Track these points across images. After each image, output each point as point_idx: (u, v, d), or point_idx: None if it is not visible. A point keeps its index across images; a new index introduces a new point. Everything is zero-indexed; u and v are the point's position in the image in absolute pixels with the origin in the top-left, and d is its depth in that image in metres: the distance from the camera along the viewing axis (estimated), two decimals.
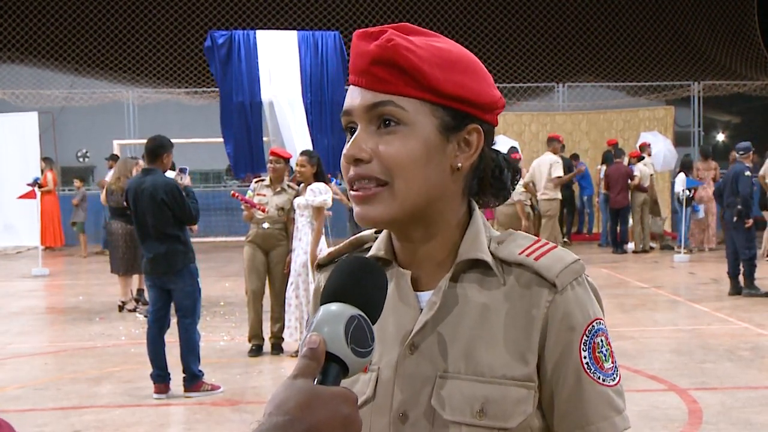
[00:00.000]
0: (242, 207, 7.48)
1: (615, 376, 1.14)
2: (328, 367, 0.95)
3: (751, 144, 10.53)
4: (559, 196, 12.54)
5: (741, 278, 10.19)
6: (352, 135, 1.15)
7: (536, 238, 1.19)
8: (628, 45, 24.03)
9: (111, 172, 15.79)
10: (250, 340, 7.56)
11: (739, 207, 9.97)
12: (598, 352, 1.13)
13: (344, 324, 0.96)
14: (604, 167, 15.36)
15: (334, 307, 0.98)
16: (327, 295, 1.00)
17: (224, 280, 11.60)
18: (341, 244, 1.32)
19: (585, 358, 1.12)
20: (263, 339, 7.56)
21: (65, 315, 9.97)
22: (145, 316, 9.31)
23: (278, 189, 7.45)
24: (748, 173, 10.08)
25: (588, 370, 1.12)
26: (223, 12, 23.28)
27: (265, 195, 7.43)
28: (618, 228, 15.05)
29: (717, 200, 10.79)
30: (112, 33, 22.85)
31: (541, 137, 16.98)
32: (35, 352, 7.99)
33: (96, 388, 6.53)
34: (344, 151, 1.14)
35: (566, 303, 1.12)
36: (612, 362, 1.15)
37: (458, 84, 1.13)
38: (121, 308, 10.18)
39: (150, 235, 6.18)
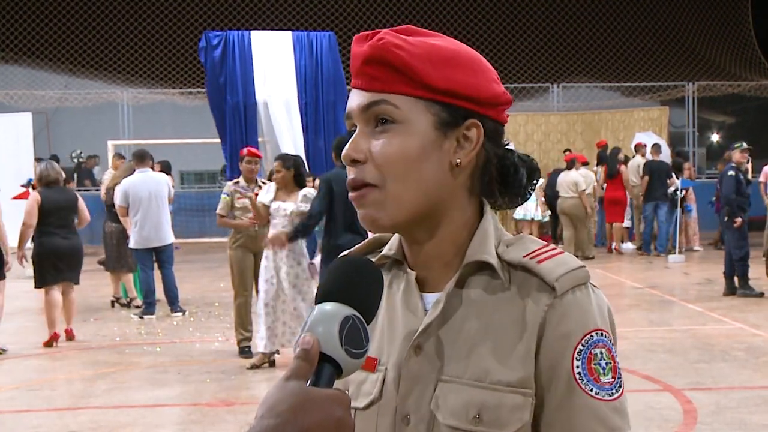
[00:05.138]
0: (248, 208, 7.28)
1: (613, 391, 1.08)
2: (321, 368, 0.93)
3: (745, 144, 10.54)
4: None
5: (736, 278, 10.21)
6: None
7: (544, 242, 1.16)
8: (622, 45, 24.02)
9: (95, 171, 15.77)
10: (239, 343, 7.46)
11: (727, 207, 10.05)
12: (595, 364, 1.08)
13: (338, 324, 0.94)
14: (600, 168, 15.38)
15: (328, 306, 0.96)
16: (322, 295, 0.99)
17: (219, 281, 11.57)
18: (360, 244, 1.30)
19: (577, 367, 1.07)
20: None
21: (60, 315, 9.91)
22: (140, 317, 9.32)
23: (255, 188, 7.31)
24: (731, 173, 10.10)
25: (579, 381, 1.07)
26: (218, 12, 23.23)
27: (257, 195, 7.26)
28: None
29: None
30: (106, 33, 22.78)
31: (536, 138, 17.02)
32: (30, 352, 7.97)
33: (91, 388, 6.51)
34: (343, 152, 1.14)
35: (564, 308, 1.08)
36: (613, 377, 1.09)
37: (451, 79, 1.11)
38: (113, 304, 10.27)
39: (343, 227, 6.34)
